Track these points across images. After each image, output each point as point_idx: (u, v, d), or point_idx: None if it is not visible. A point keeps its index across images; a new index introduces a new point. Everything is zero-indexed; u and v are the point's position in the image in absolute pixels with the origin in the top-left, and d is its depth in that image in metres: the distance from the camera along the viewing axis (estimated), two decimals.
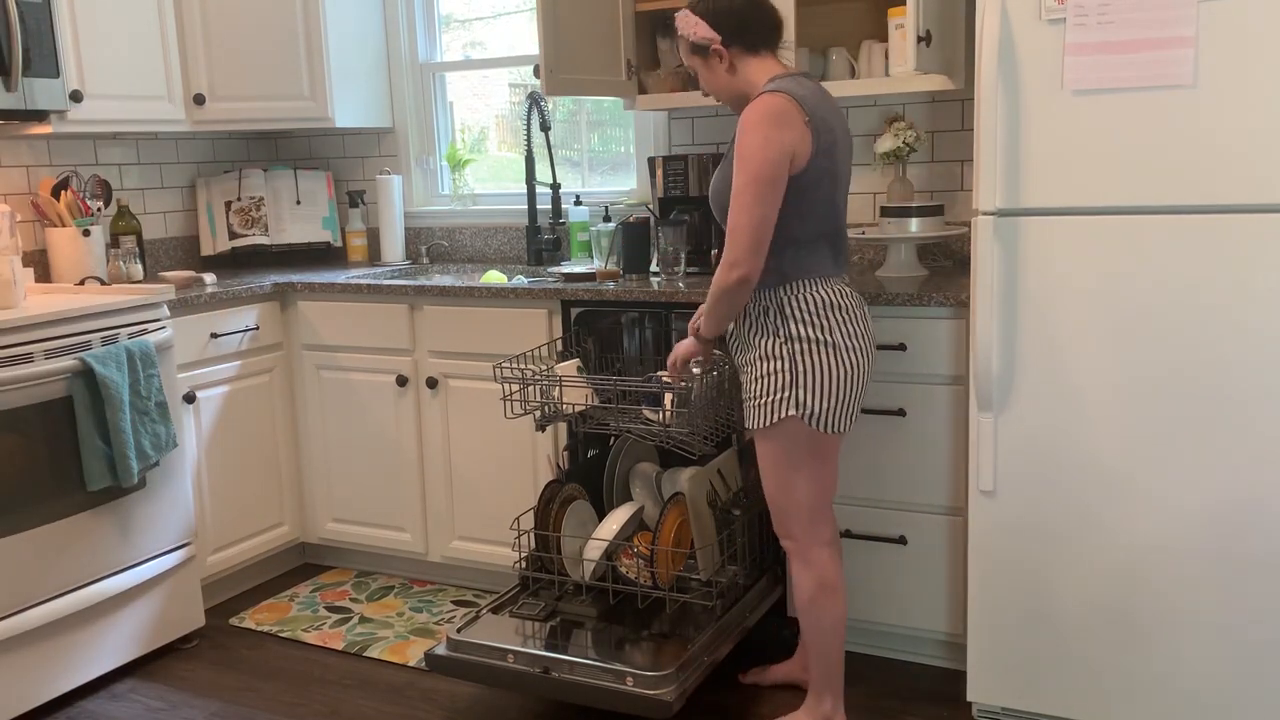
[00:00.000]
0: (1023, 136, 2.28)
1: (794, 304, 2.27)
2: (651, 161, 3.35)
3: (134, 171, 3.83)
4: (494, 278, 3.55)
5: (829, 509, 2.42)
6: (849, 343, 2.27)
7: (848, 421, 2.31)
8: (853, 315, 2.30)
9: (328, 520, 3.62)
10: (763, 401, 2.30)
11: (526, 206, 3.77)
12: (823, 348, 2.26)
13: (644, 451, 2.97)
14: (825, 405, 2.26)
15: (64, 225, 3.39)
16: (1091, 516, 2.34)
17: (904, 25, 2.65)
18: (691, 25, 2.31)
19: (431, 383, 3.32)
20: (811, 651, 2.45)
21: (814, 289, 2.28)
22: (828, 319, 2.27)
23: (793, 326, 2.27)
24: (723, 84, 2.35)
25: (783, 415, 2.27)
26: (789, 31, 2.48)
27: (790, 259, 2.28)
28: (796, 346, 2.26)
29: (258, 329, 3.46)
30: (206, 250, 4.01)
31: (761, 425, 2.31)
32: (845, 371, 2.27)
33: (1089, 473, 2.33)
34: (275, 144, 4.32)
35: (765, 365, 2.30)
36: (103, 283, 3.31)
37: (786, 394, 2.26)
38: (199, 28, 3.57)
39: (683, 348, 2.44)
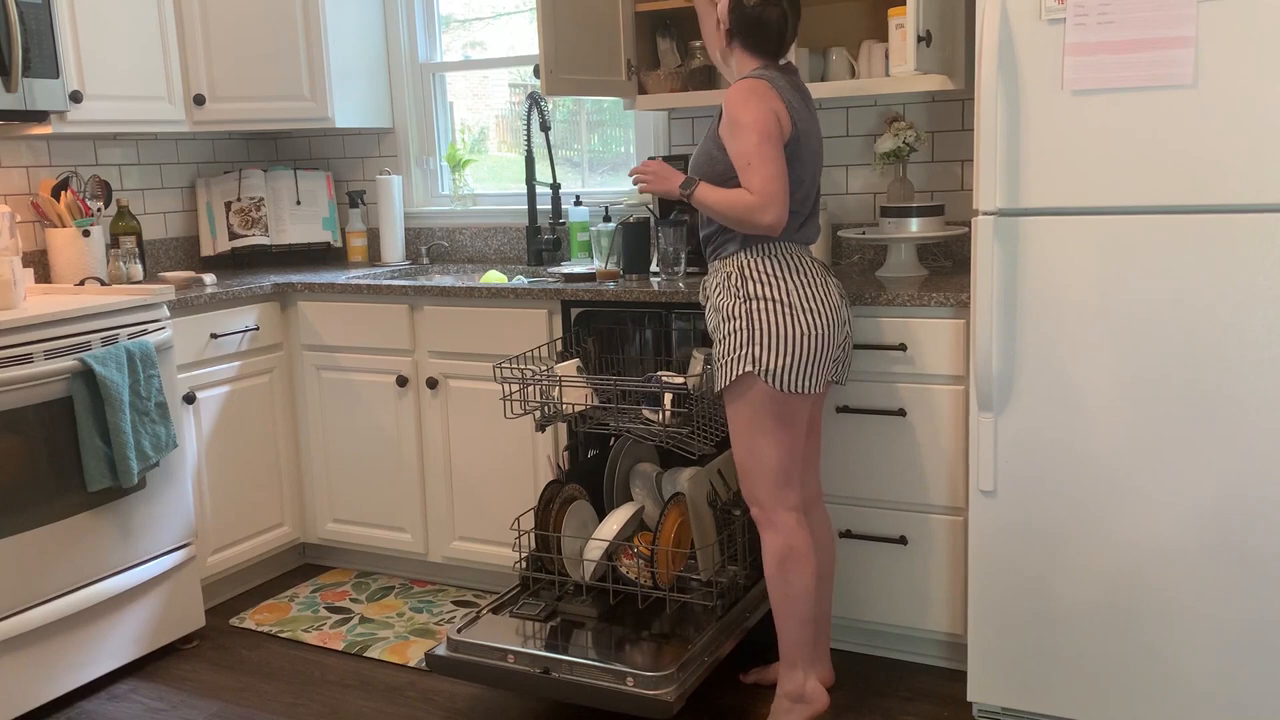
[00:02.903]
0: (1023, 136, 2.28)
1: (752, 267, 2.37)
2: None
3: (134, 172, 3.83)
4: (494, 278, 3.55)
5: (797, 476, 2.44)
6: (806, 304, 2.34)
7: (808, 383, 2.35)
8: (812, 280, 2.37)
9: (328, 520, 3.62)
10: (724, 361, 2.38)
11: (526, 207, 3.77)
12: (778, 306, 2.33)
13: (644, 451, 2.97)
14: (781, 363, 2.32)
15: (64, 226, 3.39)
16: (1092, 516, 2.34)
17: (904, 25, 2.64)
18: None
19: (431, 383, 3.32)
20: (779, 620, 2.46)
21: (773, 254, 2.38)
22: (784, 280, 2.35)
23: (750, 287, 2.35)
24: (714, 44, 2.57)
25: (740, 371, 2.34)
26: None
27: None
28: (753, 305, 2.34)
29: (258, 329, 3.46)
30: (206, 251, 4.01)
31: (724, 384, 2.38)
32: (802, 331, 2.32)
33: (1089, 472, 2.33)
34: (275, 144, 4.32)
35: (726, 325, 2.38)
36: (103, 283, 3.31)
37: (743, 351, 2.33)
38: (199, 28, 3.57)
39: (659, 167, 2.56)
